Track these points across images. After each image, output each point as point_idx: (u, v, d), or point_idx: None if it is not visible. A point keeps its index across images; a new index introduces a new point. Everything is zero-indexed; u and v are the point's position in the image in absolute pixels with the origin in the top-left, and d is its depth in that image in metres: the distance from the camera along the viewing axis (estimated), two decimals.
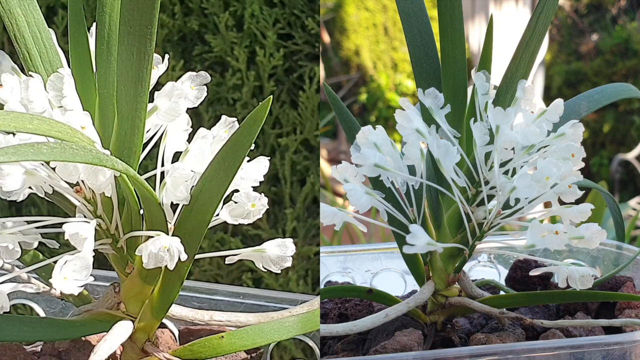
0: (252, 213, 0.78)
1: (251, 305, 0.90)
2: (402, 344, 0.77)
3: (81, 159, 0.63)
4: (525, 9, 3.36)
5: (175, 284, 0.77)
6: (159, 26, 1.49)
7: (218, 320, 0.84)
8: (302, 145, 1.46)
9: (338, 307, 0.90)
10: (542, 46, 1.00)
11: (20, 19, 0.75)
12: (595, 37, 4.91)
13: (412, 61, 0.86)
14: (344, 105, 0.86)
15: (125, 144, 0.73)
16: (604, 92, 0.95)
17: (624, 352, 0.76)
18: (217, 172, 0.71)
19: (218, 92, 1.47)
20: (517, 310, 0.85)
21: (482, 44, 1.29)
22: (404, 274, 1.03)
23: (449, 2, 0.83)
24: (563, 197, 0.78)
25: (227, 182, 0.71)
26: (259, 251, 0.79)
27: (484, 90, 0.80)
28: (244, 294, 0.91)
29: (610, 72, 4.61)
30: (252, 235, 1.49)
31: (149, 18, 0.67)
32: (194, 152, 0.75)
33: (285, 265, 0.78)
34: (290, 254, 0.78)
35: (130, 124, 0.72)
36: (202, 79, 0.77)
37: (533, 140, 0.77)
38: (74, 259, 0.67)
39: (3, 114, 0.64)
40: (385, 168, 0.77)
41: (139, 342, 0.78)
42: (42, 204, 1.57)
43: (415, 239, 0.71)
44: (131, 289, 0.77)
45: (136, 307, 0.78)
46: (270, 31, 1.43)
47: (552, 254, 0.95)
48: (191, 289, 0.92)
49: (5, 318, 0.75)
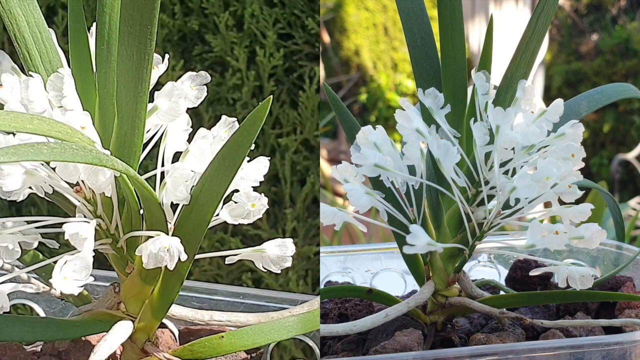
0: (252, 213, 0.78)
1: (251, 305, 0.90)
2: (402, 344, 0.77)
3: (81, 159, 0.63)
4: (525, 9, 3.36)
5: (175, 284, 0.77)
6: (159, 26, 1.49)
7: (218, 320, 0.84)
8: (302, 145, 1.46)
9: (338, 307, 0.90)
10: (542, 46, 1.00)
11: (20, 18, 0.75)
12: (595, 37, 4.91)
13: (412, 61, 0.86)
14: (344, 105, 0.86)
15: (125, 144, 0.73)
16: (604, 92, 0.95)
17: (624, 352, 0.76)
18: (218, 172, 0.71)
19: (218, 92, 1.47)
20: (517, 310, 0.85)
21: (482, 44, 1.29)
22: (404, 274, 1.03)
23: (449, 2, 0.83)
24: (563, 197, 0.78)
25: (227, 182, 0.71)
26: (259, 251, 0.79)
27: (484, 90, 0.80)
28: (244, 294, 0.91)
29: (610, 72, 4.61)
30: (252, 235, 1.49)
31: (149, 18, 0.67)
32: (194, 152, 0.75)
33: (285, 265, 0.79)
34: (290, 254, 0.78)
35: (130, 124, 0.72)
36: (202, 79, 0.77)
37: (533, 140, 0.77)
38: (74, 259, 0.67)
39: (3, 114, 0.64)
40: (385, 168, 0.77)
41: (139, 342, 0.78)
42: (42, 204, 1.57)
43: (415, 239, 0.71)
44: (131, 289, 0.77)
45: (136, 307, 0.78)
46: (270, 31, 1.43)
47: (552, 254, 0.95)
48: (191, 289, 0.92)
49: (5, 318, 0.75)
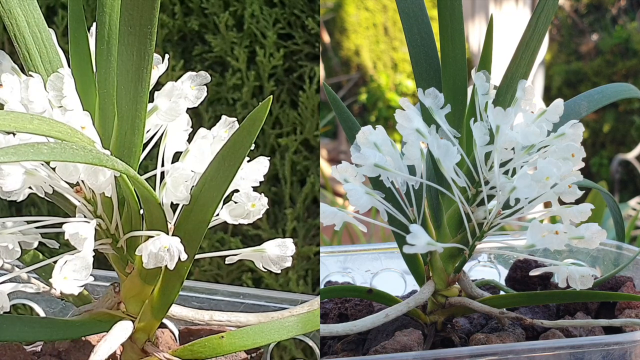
0: (252, 213, 0.78)
1: (251, 305, 0.90)
2: (402, 344, 0.77)
3: (81, 159, 0.63)
4: (525, 9, 3.36)
5: (175, 284, 0.77)
6: (159, 26, 1.49)
7: (218, 320, 0.84)
8: (302, 145, 1.46)
9: (338, 307, 0.90)
10: (542, 46, 1.00)
11: (20, 18, 0.75)
12: (595, 37, 4.91)
13: (412, 61, 0.86)
14: (344, 105, 0.86)
15: (126, 144, 0.73)
16: (604, 92, 0.95)
17: (624, 352, 0.76)
18: (217, 172, 0.71)
19: (218, 92, 1.47)
20: (517, 310, 0.85)
21: (482, 44, 1.29)
22: (404, 274, 1.03)
23: (449, 2, 0.83)
24: (563, 197, 0.78)
25: (227, 182, 0.71)
26: (259, 251, 0.79)
27: (484, 90, 0.80)
28: (244, 294, 0.91)
29: (610, 72, 4.61)
30: (252, 235, 1.49)
31: (149, 18, 0.67)
32: (194, 152, 0.75)
33: (285, 265, 0.79)
34: (290, 254, 0.79)
35: (131, 124, 0.72)
36: (202, 79, 0.77)
37: (533, 140, 0.77)
38: (74, 259, 0.67)
39: (3, 114, 0.64)
40: (385, 168, 0.77)
41: (139, 342, 0.78)
42: (42, 204, 1.57)
43: (415, 239, 0.71)
44: (131, 289, 0.77)
45: (136, 307, 0.78)
46: (270, 31, 1.43)
47: (552, 254, 0.95)
48: (191, 289, 0.92)
49: (5, 318, 0.75)
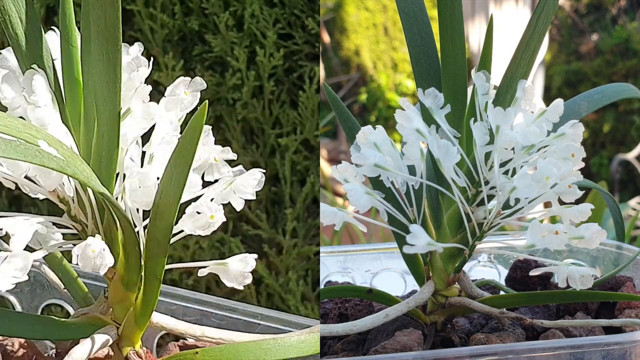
0: (212, 225, 0.74)
1: (266, 327, 0.87)
2: (402, 344, 0.77)
3: (19, 156, 0.62)
4: (525, 9, 3.36)
5: (154, 290, 0.75)
6: (159, 26, 1.49)
7: (210, 337, 0.80)
8: (302, 145, 1.46)
9: (338, 307, 0.90)
10: (542, 46, 1.00)
11: (13, 15, 0.75)
12: (595, 37, 4.91)
13: (412, 61, 0.86)
14: (344, 105, 0.86)
15: (104, 145, 0.73)
16: (604, 92, 0.95)
17: (624, 352, 0.76)
18: (170, 179, 0.70)
19: (218, 92, 1.47)
20: (517, 310, 0.85)
21: (482, 44, 1.29)
22: (404, 274, 1.03)
23: (449, 2, 0.83)
24: (563, 197, 0.78)
25: (180, 189, 0.69)
26: (223, 264, 0.76)
27: (484, 90, 0.80)
28: (261, 314, 0.88)
29: (610, 72, 4.61)
30: (252, 235, 1.49)
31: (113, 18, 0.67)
32: (158, 158, 0.74)
33: (246, 282, 0.75)
34: (250, 269, 0.75)
35: (108, 125, 0.72)
36: (198, 85, 0.76)
37: (533, 140, 0.77)
38: (12, 257, 0.66)
39: None
40: (385, 168, 0.77)
41: (123, 350, 0.77)
42: (42, 204, 1.57)
43: (415, 239, 0.71)
44: (115, 294, 0.76)
45: (122, 314, 0.76)
46: (270, 31, 1.43)
47: (552, 254, 0.95)
48: (212, 304, 0.89)
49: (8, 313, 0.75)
